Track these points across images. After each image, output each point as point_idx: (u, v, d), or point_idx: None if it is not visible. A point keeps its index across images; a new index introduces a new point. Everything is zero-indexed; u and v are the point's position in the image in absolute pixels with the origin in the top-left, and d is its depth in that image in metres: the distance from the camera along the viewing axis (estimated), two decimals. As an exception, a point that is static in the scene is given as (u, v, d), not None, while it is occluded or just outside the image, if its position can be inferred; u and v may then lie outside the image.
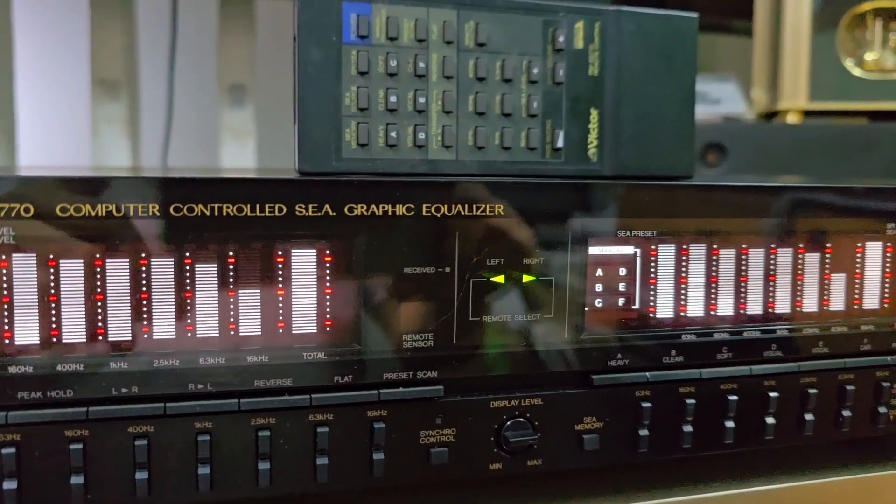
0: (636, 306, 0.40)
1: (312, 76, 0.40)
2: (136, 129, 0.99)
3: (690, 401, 0.41)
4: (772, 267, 0.43)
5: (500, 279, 0.37)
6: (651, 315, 0.41)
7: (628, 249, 0.39)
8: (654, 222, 0.40)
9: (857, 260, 0.44)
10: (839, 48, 1.03)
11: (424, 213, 0.35)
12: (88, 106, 0.94)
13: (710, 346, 0.41)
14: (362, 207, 0.34)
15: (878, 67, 1.03)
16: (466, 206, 0.36)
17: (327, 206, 0.35)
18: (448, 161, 0.42)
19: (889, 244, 0.45)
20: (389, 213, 0.35)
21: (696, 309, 0.41)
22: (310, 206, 0.34)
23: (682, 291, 0.41)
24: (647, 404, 0.40)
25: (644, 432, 0.40)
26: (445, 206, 0.36)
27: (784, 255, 0.43)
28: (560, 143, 0.44)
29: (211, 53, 0.97)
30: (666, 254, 0.40)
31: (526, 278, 0.37)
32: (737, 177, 0.97)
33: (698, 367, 0.41)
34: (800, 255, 0.43)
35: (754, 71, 1.09)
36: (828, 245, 0.44)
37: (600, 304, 0.40)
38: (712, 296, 0.42)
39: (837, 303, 0.45)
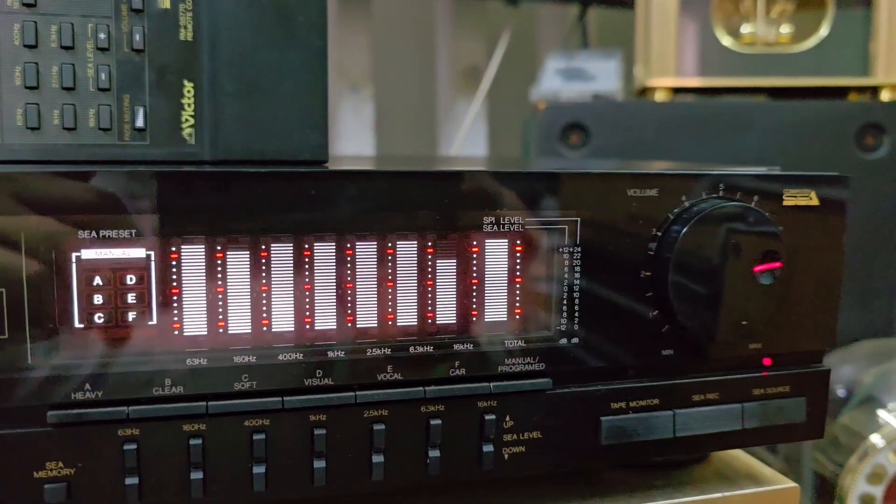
0: (153, 322, 0.32)
1: None
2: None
3: (196, 441, 0.33)
4: (347, 271, 0.35)
5: None
6: (165, 335, 0.33)
7: (135, 252, 0.32)
8: (177, 217, 0.32)
9: (474, 263, 0.36)
10: (713, 20, 0.95)
11: None
12: None
13: (226, 373, 0.33)
14: None
15: (754, 41, 0.95)
16: None
17: None
18: (-10, 145, 0.35)
19: (518, 243, 0.37)
20: None
21: (240, 325, 0.33)
22: None
23: (220, 304, 0.33)
24: (131, 446, 0.32)
25: (132, 480, 0.32)
26: None
27: (364, 255, 0.35)
28: (141, 122, 0.37)
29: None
30: (191, 257, 0.33)
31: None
32: (600, 160, 0.90)
33: (205, 398, 0.33)
34: (388, 257, 0.35)
35: (637, 46, 1.01)
36: (430, 246, 0.35)
37: (99, 321, 0.32)
38: (262, 309, 0.34)
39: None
